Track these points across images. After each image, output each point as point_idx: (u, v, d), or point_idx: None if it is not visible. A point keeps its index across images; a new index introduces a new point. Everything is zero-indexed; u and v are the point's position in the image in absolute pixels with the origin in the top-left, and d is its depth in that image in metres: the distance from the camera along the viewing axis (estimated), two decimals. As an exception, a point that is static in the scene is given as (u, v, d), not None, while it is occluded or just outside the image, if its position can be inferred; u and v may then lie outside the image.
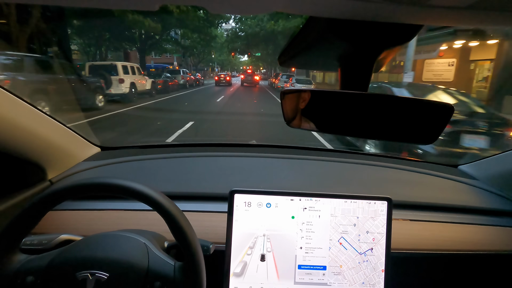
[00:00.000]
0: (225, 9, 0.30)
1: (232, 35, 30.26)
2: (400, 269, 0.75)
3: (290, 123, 0.55)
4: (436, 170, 1.07)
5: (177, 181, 0.97)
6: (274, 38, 23.51)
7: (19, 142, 0.74)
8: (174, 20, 16.73)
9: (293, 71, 20.76)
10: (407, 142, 0.51)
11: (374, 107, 0.48)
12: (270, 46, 26.06)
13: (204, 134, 5.66)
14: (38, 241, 0.62)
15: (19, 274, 0.51)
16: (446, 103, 0.44)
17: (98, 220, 0.81)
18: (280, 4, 0.28)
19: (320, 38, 0.44)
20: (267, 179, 0.99)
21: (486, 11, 0.28)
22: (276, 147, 1.24)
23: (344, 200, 0.69)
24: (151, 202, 0.53)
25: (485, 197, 0.95)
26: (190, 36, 21.21)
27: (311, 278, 0.68)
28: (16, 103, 0.72)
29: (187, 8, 13.62)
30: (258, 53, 34.58)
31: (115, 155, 1.07)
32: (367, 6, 0.28)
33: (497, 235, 0.85)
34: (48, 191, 0.51)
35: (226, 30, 35.96)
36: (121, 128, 6.10)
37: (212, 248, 0.65)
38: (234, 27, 29.45)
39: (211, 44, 35.05)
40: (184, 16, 15.90)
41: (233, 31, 30.06)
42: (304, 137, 5.15)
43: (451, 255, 0.83)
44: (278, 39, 22.76)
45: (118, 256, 0.53)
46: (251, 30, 25.45)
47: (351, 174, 1.06)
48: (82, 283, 0.50)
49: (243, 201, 0.68)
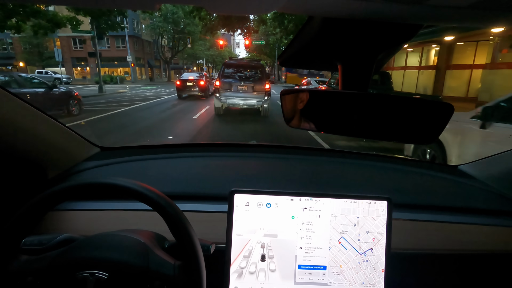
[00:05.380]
0: (224, 9, 0.30)
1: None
2: (400, 269, 0.75)
3: (290, 123, 0.55)
4: (436, 170, 1.07)
5: (177, 181, 0.97)
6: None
7: (19, 142, 0.74)
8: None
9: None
10: (407, 142, 0.51)
11: (373, 107, 0.48)
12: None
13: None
14: (38, 241, 0.62)
15: (19, 275, 0.51)
16: (446, 102, 0.44)
17: (98, 220, 0.82)
18: (280, 4, 0.28)
19: (320, 38, 0.44)
20: (267, 179, 0.99)
21: (486, 11, 0.28)
22: (276, 147, 1.24)
23: (344, 200, 0.69)
24: (151, 202, 0.53)
25: (485, 197, 0.95)
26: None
27: (311, 278, 0.67)
28: (16, 104, 0.72)
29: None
30: (261, 41, 23.34)
31: (115, 155, 1.07)
32: (367, 6, 0.28)
33: (497, 235, 0.84)
34: (48, 191, 0.52)
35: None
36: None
37: (212, 248, 0.65)
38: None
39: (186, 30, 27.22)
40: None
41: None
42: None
43: (451, 255, 0.83)
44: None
45: (118, 256, 0.53)
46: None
47: (351, 174, 1.05)
48: (82, 283, 0.50)
49: (243, 201, 0.68)
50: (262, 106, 7.67)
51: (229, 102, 7.66)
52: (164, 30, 30.40)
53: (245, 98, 7.64)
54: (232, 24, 20.25)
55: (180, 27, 29.68)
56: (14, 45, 30.03)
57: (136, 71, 31.80)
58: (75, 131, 0.97)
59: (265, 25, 21.90)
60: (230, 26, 20.56)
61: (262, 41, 23.21)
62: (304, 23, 0.44)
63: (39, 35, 11.96)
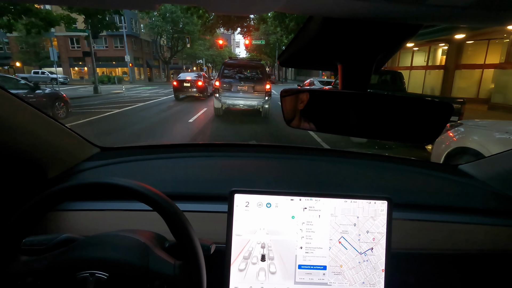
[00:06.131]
0: (224, 9, 0.30)
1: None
2: (401, 268, 0.75)
3: (290, 123, 0.55)
4: (436, 170, 1.07)
5: (177, 181, 0.97)
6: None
7: (19, 142, 0.74)
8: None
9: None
10: (408, 141, 0.51)
11: (373, 106, 0.48)
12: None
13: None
14: (38, 241, 0.62)
15: (19, 275, 0.51)
16: (446, 102, 0.44)
17: (98, 220, 0.81)
18: (280, 4, 0.28)
19: (320, 38, 0.44)
20: (267, 179, 0.99)
21: (485, 10, 0.28)
22: (276, 147, 1.24)
23: (344, 200, 0.69)
24: (151, 202, 0.53)
25: (485, 197, 0.95)
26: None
27: (311, 278, 0.68)
28: (16, 104, 0.72)
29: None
30: (262, 40, 23.00)
31: (115, 155, 1.07)
32: (367, 5, 0.28)
33: (497, 234, 0.85)
34: (48, 191, 0.51)
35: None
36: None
37: (212, 248, 0.65)
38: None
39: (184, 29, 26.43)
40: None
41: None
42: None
43: (451, 255, 0.83)
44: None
45: (118, 256, 0.53)
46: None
47: (351, 174, 1.06)
48: (82, 283, 0.50)
49: (243, 201, 0.68)
50: (263, 106, 7.57)
51: (229, 102, 7.52)
52: (163, 30, 30.08)
53: (245, 98, 7.50)
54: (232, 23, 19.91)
55: (179, 27, 29.37)
56: (10, 45, 29.81)
57: (134, 71, 31.53)
58: (75, 131, 0.97)
59: (265, 24, 21.30)
60: (230, 24, 20.25)
61: (262, 40, 22.72)
62: (304, 22, 0.44)
63: (32, 34, 11.55)
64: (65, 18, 11.86)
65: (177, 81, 12.17)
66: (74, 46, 30.21)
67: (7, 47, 30.25)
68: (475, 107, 9.58)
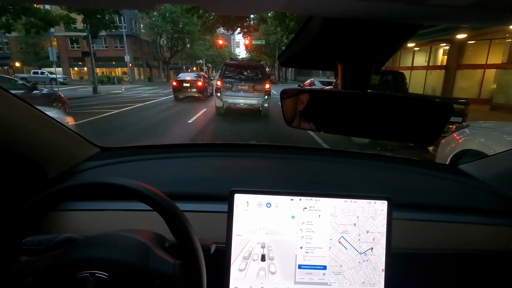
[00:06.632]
0: (224, 9, 0.30)
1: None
2: (401, 268, 0.75)
3: (290, 123, 0.55)
4: (436, 170, 1.07)
5: (177, 181, 0.97)
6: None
7: (20, 142, 0.74)
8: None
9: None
10: (408, 141, 0.51)
11: (373, 106, 0.48)
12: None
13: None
14: (38, 241, 0.62)
15: (19, 275, 0.51)
16: (446, 102, 0.44)
17: (98, 220, 0.81)
18: (280, 4, 0.28)
19: (320, 38, 0.44)
20: (267, 179, 0.99)
21: (485, 10, 0.28)
22: (276, 147, 1.24)
23: (344, 200, 0.69)
24: (151, 202, 0.53)
25: (485, 197, 0.95)
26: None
27: (311, 278, 0.68)
28: (16, 104, 0.72)
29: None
30: (262, 40, 22.92)
31: (115, 155, 1.07)
32: (367, 6, 0.28)
33: (497, 234, 0.85)
34: (48, 191, 0.51)
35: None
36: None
37: (212, 248, 0.65)
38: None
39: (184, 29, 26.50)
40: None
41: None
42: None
43: (451, 255, 0.83)
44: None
45: (118, 256, 0.53)
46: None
47: (351, 174, 1.06)
48: (82, 283, 0.50)
49: (243, 201, 0.68)
50: (262, 105, 7.83)
51: (230, 101, 7.81)
52: (163, 30, 29.98)
53: (245, 97, 7.77)
54: (232, 23, 19.90)
55: (179, 27, 29.32)
56: (10, 45, 29.76)
57: (134, 71, 31.46)
58: (75, 131, 0.97)
59: (265, 24, 21.31)
60: (230, 24, 20.20)
61: (262, 40, 22.64)
62: (304, 22, 0.44)
63: (32, 34, 11.49)
64: (64, 18, 11.87)
65: (176, 81, 12.11)
66: (73, 46, 30.18)
67: (6, 47, 30.22)
68: (477, 108, 9.54)
